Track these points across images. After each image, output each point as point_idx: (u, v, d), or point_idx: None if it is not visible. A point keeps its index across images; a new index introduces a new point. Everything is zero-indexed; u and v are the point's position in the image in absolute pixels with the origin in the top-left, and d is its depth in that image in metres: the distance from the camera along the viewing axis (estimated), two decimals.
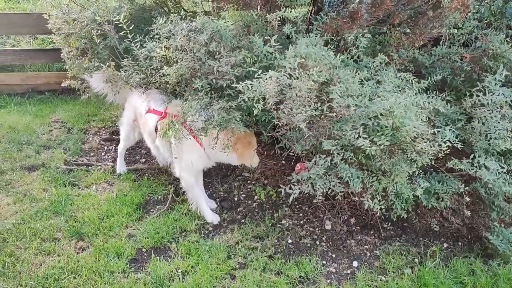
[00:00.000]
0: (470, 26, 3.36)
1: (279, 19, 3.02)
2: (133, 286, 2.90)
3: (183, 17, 3.17)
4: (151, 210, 3.72)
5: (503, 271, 3.08)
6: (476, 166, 2.82)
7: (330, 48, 2.85)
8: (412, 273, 3.11)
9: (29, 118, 5.23)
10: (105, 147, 4.70)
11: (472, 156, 2.86)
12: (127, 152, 4.45)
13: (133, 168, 4.29)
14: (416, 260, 3.23)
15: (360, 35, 3.03)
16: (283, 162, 4.02)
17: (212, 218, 3.57)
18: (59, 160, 4.33)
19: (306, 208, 3.73)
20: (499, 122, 2.83)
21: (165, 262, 3.13)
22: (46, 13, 4.05)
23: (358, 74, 2.76)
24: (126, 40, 3.25)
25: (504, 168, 2.84)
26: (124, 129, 4.13)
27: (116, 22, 3.27)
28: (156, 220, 3.53)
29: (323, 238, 3.43)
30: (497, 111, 2.86)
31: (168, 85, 3.04)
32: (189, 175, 3.55)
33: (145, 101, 3.65)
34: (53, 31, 3.98)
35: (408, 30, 3.31)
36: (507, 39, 3.31)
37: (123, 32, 3.24)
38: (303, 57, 2.63)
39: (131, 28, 3.20)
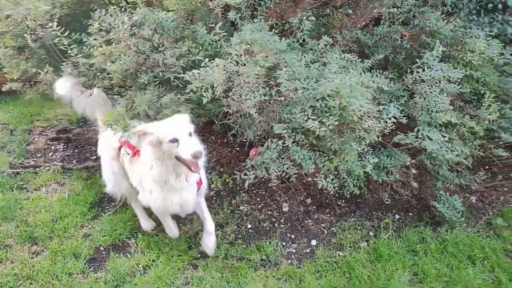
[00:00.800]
0: (408, 5, 3.47)
1: (222, 6, 3.00)
2: (93, 286, 2.85)
3: (124, 8, 3.08)
4: (106, 207, 3.63)
5: (450, 236, 3.27)
6: (420, 138, 2.96)
7: (275, 32, 2.87)
8: (368, 246, 3.24)
9: None
10: (52, 147, 4.53)
11: (416, 129, 2.99)
12: (77, 150, 4.33)
13: (83, 166, 4.16)
14: (371, 233, 3.36)
15: (304, 18, 3.07)
16: (237, 149, 4.03)
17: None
18: (3, 163, 4.13)
19: (263, 193, 3.78)
20: (438, 96, 2.97)
21: (125, 258, 3.09)
22: None
23: (304, 57, 2.80)
24: (63, 37, 3.09)
25: (445, 137, 2.99)
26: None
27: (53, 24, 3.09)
28: (113, 217, 3.46)
29: (282, 220, 3.49)
30: (436, 86, 3.00)
31: (113, 81, 2.94)
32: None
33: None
34: None
35: (350, 11, 3.39)
36: (443, 16, 3.45)
37: (59, 36, 3.06)
38: (249, 43, 2.65)
39: (70, 22, 3.08)
